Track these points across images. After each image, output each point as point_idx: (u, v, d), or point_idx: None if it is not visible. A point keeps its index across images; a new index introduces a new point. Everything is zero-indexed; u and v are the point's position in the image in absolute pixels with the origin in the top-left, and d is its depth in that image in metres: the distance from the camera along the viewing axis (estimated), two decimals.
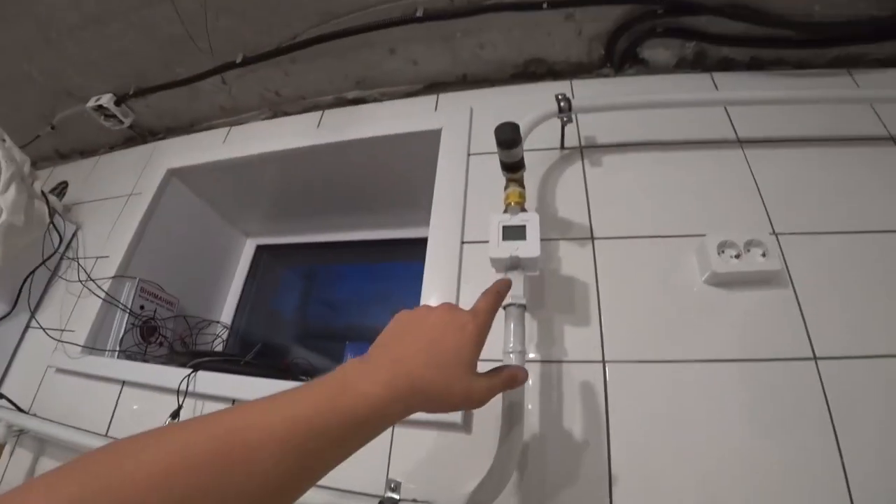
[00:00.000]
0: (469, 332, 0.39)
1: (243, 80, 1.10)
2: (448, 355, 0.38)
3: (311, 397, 0.32)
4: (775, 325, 0.63)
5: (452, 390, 0.37)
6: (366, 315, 1.34)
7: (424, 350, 0.37)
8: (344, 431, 0.32)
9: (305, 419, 0.30)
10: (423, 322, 0.40)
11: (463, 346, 0.38)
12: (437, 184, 0.83)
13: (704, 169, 0.78)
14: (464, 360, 0.38)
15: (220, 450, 0.27)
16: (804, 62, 0.87)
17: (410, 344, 0.38)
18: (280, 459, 0.28)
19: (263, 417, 0.30)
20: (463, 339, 0.39)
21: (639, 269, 0.70)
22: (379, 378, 0.34)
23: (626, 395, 0.61)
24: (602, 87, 0.93)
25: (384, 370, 0.35)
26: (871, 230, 0.68)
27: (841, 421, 0.56)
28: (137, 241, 1.10)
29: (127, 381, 0.89)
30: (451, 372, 0.37)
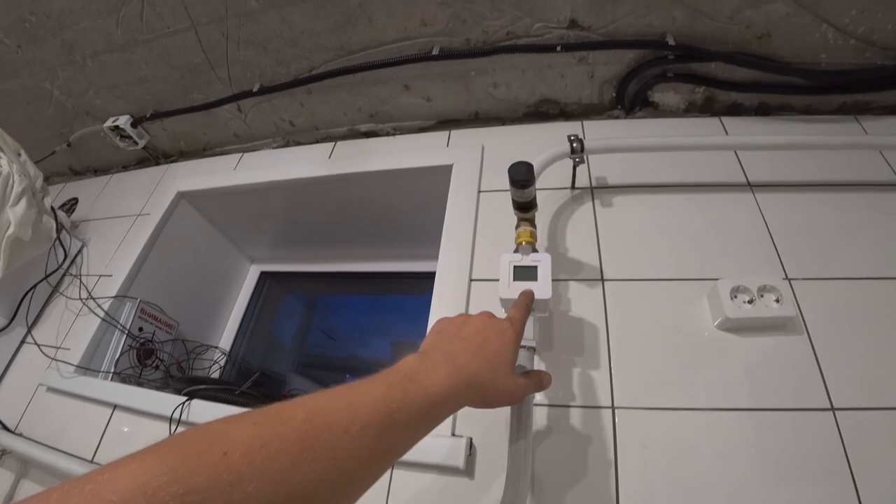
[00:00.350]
0: (509, 336, 0.44)
1: (259, 109, 1.12)
2: (495, 355, 0.42)
3: (384, 386, 0.34)
4: (790, 373, 0.61)
5: (500, 386, 0.41)
6: (367, 347, 1.32)
7: (475, 350, 0.41)
8: (415, 418, 0.34)
9: (384, 405, 0.32)
10: (467, 327, 0.44)
11: (505, 348, 0.43)
12: (447, 219, 0.83)
13: (715, 212, 0.77)
14: (507, 359, 0.43)
15: (307, 431, 0.28)
16: (811, 108, 0.88)
17: (461, 345, 0.42)
18: (361, 443, 0.30)
19: (343, 403, 0.31)
20: (505, 341, 0.43)
21: (649, 313, 0.68)
22: (440, 371, 0.37)
23: (637, 443, 0.59)
24: (613, 129, 0.94)
25: (443, 365, 0.38)
26: (883, 276, 0.67)
27: (861, 475, 0.53)
28: (142, 261, 1.09)
29: (119, 405, 0.87)
30: (499, 369, 0.42)
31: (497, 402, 0.43)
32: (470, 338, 0.43)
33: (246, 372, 1.31)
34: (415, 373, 0.37)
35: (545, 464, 0.59)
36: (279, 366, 1.36)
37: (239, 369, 1.32)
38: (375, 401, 0.32)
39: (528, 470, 0.50)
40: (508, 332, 0.44)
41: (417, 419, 0.34)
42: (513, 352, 0.44)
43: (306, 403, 0.30)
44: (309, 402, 0.30)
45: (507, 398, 0.43)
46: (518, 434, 0.51)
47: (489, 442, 0.62)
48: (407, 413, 0.33)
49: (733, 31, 0.79)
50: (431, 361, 0.39)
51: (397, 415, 0.32)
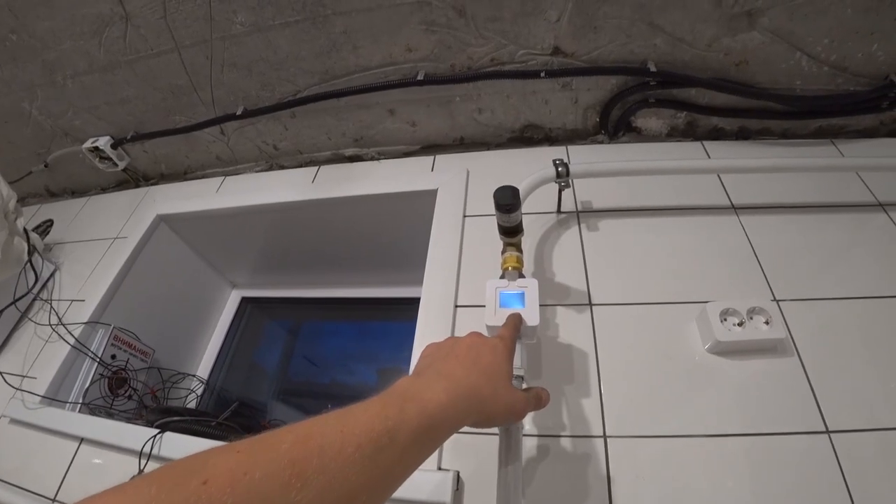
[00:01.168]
0: (500, 351, 0.43)
1: (242, 132, 1.11)
2: (491, 369, 0.41)
3: (378, 406, 0.32)
4: (783, 396, 0.60)
5: (500, 398, 0.40)
6: (351, 374, 1.29)
7: (470, 365, 0.40)
8: (414, 437, 0.32)
9: (380, 423, 0.30)
10: (458, 346, 0.43)
11: (500, 361, 0.42)
12: (432, 244, 0.82)
13: (701, 234, 0.77)
14: (504, 371, 0.42)
15: (296, 456, 0.26)
16: (789, 132, 0.90)
17: (455, 362, 0.41)
18: (356, 466, 0.28)
19: (335, 425, 0.29)
20: (498, 355, 0.43)
21: (639, 337, 0.67)
22: (437, 387, 0.36)
23: (630, 473, 0.57)
24: (597, 154, 0.95)
25: (440, 381, 0.37)
26: (870, 295, 0.67)
27: (860, 499, 0.52)
28: (117, 286, 1.06)
29: (86, 439, 0.82)
30: (497, 382, 0.41)
31: (498, 417, 0.41)
32: (463, 355, 0.41)
33: (225, 401, 1.25)
34: (411, 391, 0.35)
35: (536, 497, 0.57)
36: (260, 394, 1.32)
37: (218, 398, 1.27)
38: (370, 420, 0.30)
39: (518, 498, 0.47)
40: (500, 347, 0.44)
41: (417, 438, 0.32)
42: (508, 364, 0.43)
43: (295, 429, 0.29)
44: (298, 428, 0.29)
45: (508, 411, 0.41)
46: (507, 460, 0.49)
47: (477, 476, 0.60)
48: (405, 431, 0.31)
49: (712, 58, 0.81)
50: (427, 379, 0.38)
51: (394, 434, 0.30)
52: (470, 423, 0.38)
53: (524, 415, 0.44)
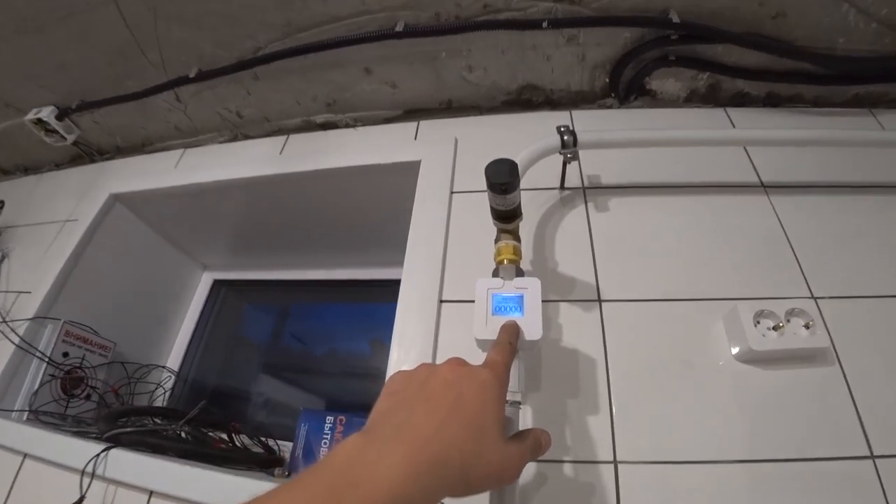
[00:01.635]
0: (490, 385, 0.33)
1: (200, 98, 0.98)
2: (476, 417, 0.30)
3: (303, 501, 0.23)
4: (822, 414, 0.52)
5: (488, 463, 0.30)
6: (333, 361, 1.19)
7: (446, 414, 0.29)
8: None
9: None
10: (432, 382, 0.32)
11: (488, 406, 0.32)
12: (413, 227, 0.71)
13: (726, 217, 0.67)
14: (492, 419, 0.31)
15: None
16: (822, 99, 0.81)
17: (425, 409, 0.30)
18: None
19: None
20: (487, 396, 0.32)
21: (656, 341, 0.57)
22: (394, 455, 0.26)
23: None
24: (605, 120, 0.83)
25: (399, 446, 0.27)
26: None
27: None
28: (66, 276, 0.94)
29: (29, 455, 0.73)
30: (483, 440, 0.30)
31: (485, 484, 0.31)
32: (437, 397, 0.31)
33: (200, 391, 1.17)
34: (352, 468, 0.25)
35: None
36: (239, 380, 1.22)
37: (191, 388, 1.18)
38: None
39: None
40: (490, 382, 0.33)
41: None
42: (499, 407, 0.33)
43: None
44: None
45: (499, 475, 0.31)
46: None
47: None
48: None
49: (745, 8, 0.70)
50: (379, 445, 0.27)
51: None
52: (443, 498, 0.28)
53: (518, 475, 0.33)
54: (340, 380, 1.17)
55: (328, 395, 1.15)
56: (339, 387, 1.15)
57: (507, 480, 0.32)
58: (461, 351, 0.37)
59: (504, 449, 0.31)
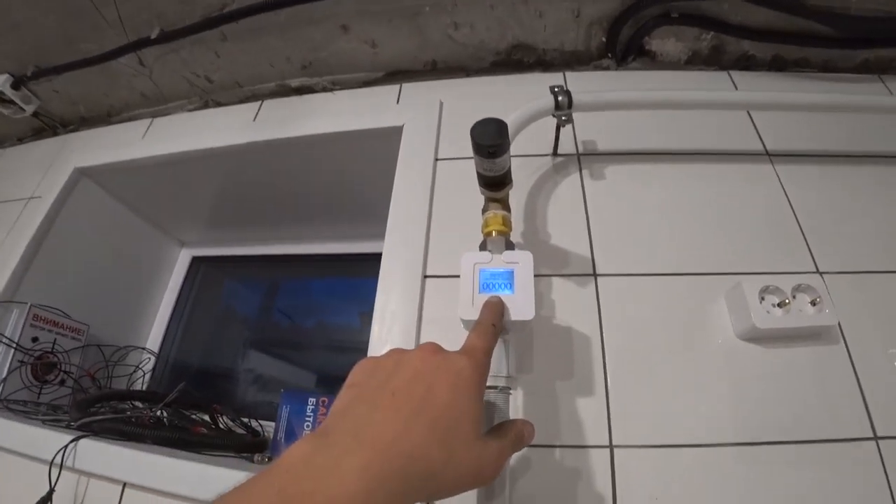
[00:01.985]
0: (467, 377, 0.29)
1: (165, 62, 0.90)
2: (447, 415, 0.27)
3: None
4: (826, 395, 0.49)
5: (460, 462, 0.27)
6: (321, 336, 1.15)
7: (412, 412, 0.26)
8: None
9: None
10: (400, 372, 0.29)
11: (463, 398, 0.28)
12: (395, 196, 0.66)
13: (728, 187, 0.64)
14: (467, 418, 0.28)
15: None
16: (830, 64, 0.77)
17: (388, 406, 0.26)
18: None
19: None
20: (461, 389, 0.29)
21: (655, 318, 0.54)
22: (349, 464, 0.23)
23: (642, 492, 0.46)
24: (601, 82, 0.78)
25: (355, 451, 0.23)
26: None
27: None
28: (31, 256, 0.89)
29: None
30: (455, 438, 0.27)
31: (459, 487, 0.27)
32: (404, 391, 0.27)
33: (181, 372, 1.13)
34: (298, 481, 0.22)
35: None
36: (223, 359, 1.18)
37: (173, 369, 1.14)
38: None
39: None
40: (466, 372, 0.29)
41: None
42: (476, 401, 0.29)
43: None
44: None
45: (473, 479, 0.28)
46: (489, 495, 0.37)
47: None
48: None
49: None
50: (333, 451, 0.23)
51: None
52: (416, 501, 0.25)
53: (497, 475, 0.30)
54: (330, 354, 1.14)
55: (318, 370, 1.12)
56: (329, 361, 1.12)
57: (485, 480, 0.29)
58: (447, 328, 0.33)
59: (480, 447, 0.28)
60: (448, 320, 0.53)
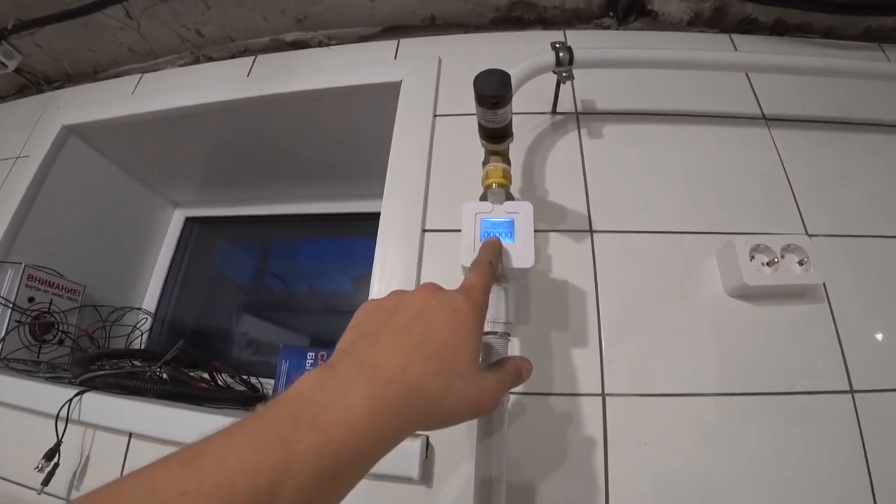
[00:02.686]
0: (464, 314, 0.30)
1: (154, 14, 0.87)
2: (445, 349, 0.28)
3: (249, 444, 0.21)
4: (808, 350, 0.52)
5: (459, 392, 0.28)
6: (315, 298, 1.16)
7: (414, 346, 0.27)
8: (310, 488, 0.20)
9: (245, 483, 0.19)
10: (400, 310, 0.30)
11: (461, 333, 0.29)
12: (393, 152, 0.65)
13: (724, 149, 0.64)
14: (465, 352, 0.29)
15: None
16: (832, 31, 0.77)
17: (390, 341, 0.28)
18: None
19: (165, 497, 0.18)
20: (458, 325, 0.29)
21: (649, 274, 0.56)
22: (355, 392, 0.24)
23: (632, 438, 0.48)
24: (602, 41, 0.77)
25: (360, 382, 0.25)
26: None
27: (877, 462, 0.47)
28: (22, 216, 0.88)
29: (1, 402, 0.70)
30: (454, 370, 0.28)
31: (456, 418, 0.29)
32: (404, 328, 0.29)
33: (178, 332, 1.14)
34: (308, 407, 0.23)
35: (520, 467, 0.48)
36: (219, 320, 1.19)
37: (170, 330, 1.15)
38: (227, 480, 0.19)
39: (502, 478, 0.38)
40: (464, 309, 0.30)
41: (316, 490, 0.21)
42: (473, 336, 0.30)
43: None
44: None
45: (473, 409, 0.29)
46: (488, 431, 0.39)
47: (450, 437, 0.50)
48: (292, 487, 0.20)
49: None
50: (340, 380, 0.25)
51: (274, 497, 0.19)
52: (412, 433, 0.27)
53: (496, 406, 0.31)
54: (323, 317, 1.15)
55: (311, 332, 1.13)
56: (323, 324, 1.13)
57: (484, 411, 0.30)
58: (446, 282, 0.34)
59: (479, 379, 0.30)
60: (448, 274, 0.54)
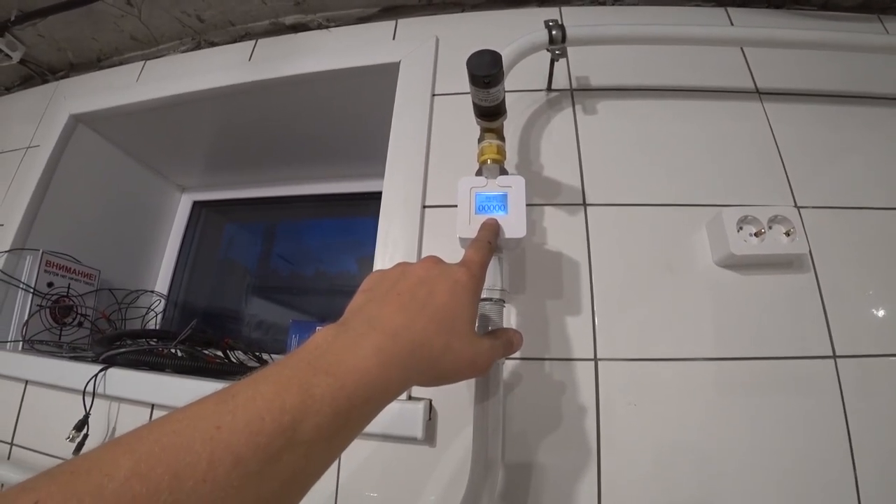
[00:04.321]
0: (463, 284, 0.33)
1: (155, 1, 0.88)
2: (446, 310, 0.31)
3: (271, 388, 0.23)
4: (794, 317, 0.54)
5: (457, 351, 0.31)
6: (321, 278, 1.19)
7: (418, 308, 0.30)
8: (326, 429, 0.23)
9: (271, 420, 0.21)
10: (405, 278, 0.33)
11: (459, 301, 0.32)
12: (393, 131, 0.67)
13: (717, 123, 0.65)
14: (464, 315, 0.32)
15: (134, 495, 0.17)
16: (831, 2, 0.76)
17: (396, 304, 0.31)
18: (233, 492, 0.19)
19: (201, 431, 0.20)
20: (458, 292, 0.33)
21: (640, 245, 0.58)
22: (365, 346, 0.27)
23: (622, 400, 0.51)
24: (598, 17, 0.77)
25: (369, 335, 0.28)
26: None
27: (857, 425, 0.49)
28: (37, 204, 0.91)
29: (31, 381, 0.74)
30: (453, 329, 0.31)
31: (454, 375, 0.32)
32: (409, 293, 0.31)
33: (191, 313, 1.18)
34: (325, 356, 0.26)
35: (516, 428, 0.51)
36: (229, 301, 1.23)
37: (182, 311, 1.19)
38: (256, 416, 0.21)
39: (498, 437, 0.41)
40: (463, 280, 0.33)
41: (330, 428, 0.23)
42: (470, 304, 0.33)
43: (141, 442, 0.19)
44: (147, 439, 0.20)
45: (469, 367, 0.32)
46: (485, 394, 0.42)
47: (452, 402, 0.53)
48: (310, 424, 0.22)
49: None
50: (351, 334, 0.28)
51: (295, 429, 0.22)
52: (415, 385, 0.30)
53: (489, 368, 0.35)
54: (329, 297, 1.18)
55: (318, 313, 1.16)
56: (329, 303, 1.16)
57: (479, 370, 0.34)
58: (446, 255, 0.37)
59: (475, 341, 0.33)
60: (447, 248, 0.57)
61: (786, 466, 0.48)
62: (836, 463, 0.48)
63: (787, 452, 0.48)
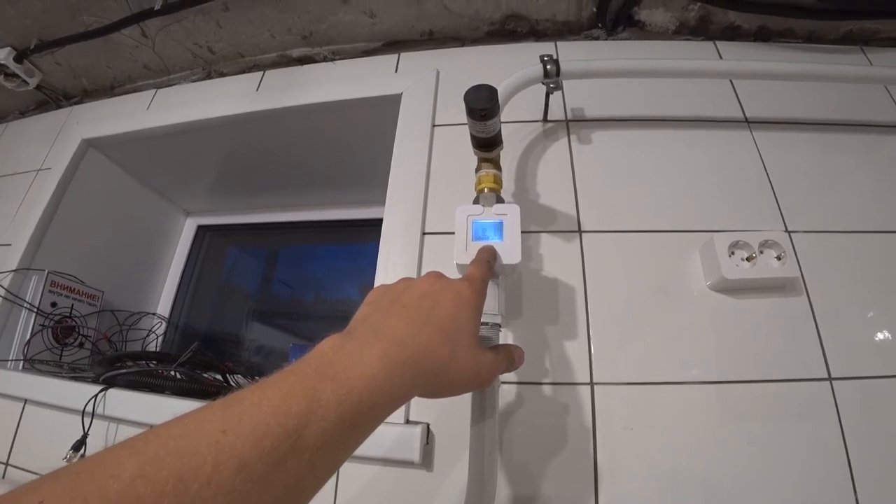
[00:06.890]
0: (466, 297, 0.34)
1: (168, 33, 0.92)
2: (450, 322, 0.32)
3: (278, 394, 0.23)
4: (788, 340, 0.54)
5: (461, 362, 0.32)
6: (322, 304, 1.20)
7: (423, 319, 0.31)
8: (331, 435, 0.23)
9: (277, 424, 0.22)
10: (410, 291, 0.34)
11: (463, 313, 0.33)
12: (395, 160, 0.70)
13: (708, 152, 0.67)
14: (467, 327, 0.33)
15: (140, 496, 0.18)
16: (814, 35, 0.79)
17: (402, 315, 0.31)
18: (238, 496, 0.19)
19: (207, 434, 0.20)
20: (461, 304, 0.33)
21: (634, 270, 0.59)
22: (371, 354, 0.27)
23: (618, 425, 0.51)
24: (592, 51, 0.80)
25: (375, 344, 0.28)
26: (891, 230, 0.60)
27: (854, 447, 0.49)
28: (45, 225, 0.93)
29: (30, 400, 0.74)
30: (457, 339, 0.32)
31: (458, 386, 0.33)
32: (413, 304, 0.32)
33: (190, 337, 1.19)
34: (331, 364, 0.26)
35: (513, 452, 0.51)
36: (229, 325, 1.24)
37: (183, 334, 1.19)
38: (262, 421, 0.21)
39: (494, 458, 0.41)
40: (466, 293, 0.34)
41: (335, 434, 0.24)
42: (473, 317, 0.34)
43: (147, 444, 0.20)
44: (153, 441, 0.20)
45: (471, 378, 0.33)
46: (480, 417, 0.42)
47: (449, 426, 0.53)
48: (315, 430, 0.23)
49: None
50: (357, 342, 0.28)
51: (301, 434, 0.22)
52: (418, 395, 0.31)
53: (491, 380, 0.35)
54: (330, 323, 1.19)
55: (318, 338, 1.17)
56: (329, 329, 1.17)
57: (482, 383, 0.34)
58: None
59: (478, 353, 0.33)
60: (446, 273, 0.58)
61: (787, 489, 0.48)
62: (836, 484, 0.47)
63: (788, 475, 0.48)
